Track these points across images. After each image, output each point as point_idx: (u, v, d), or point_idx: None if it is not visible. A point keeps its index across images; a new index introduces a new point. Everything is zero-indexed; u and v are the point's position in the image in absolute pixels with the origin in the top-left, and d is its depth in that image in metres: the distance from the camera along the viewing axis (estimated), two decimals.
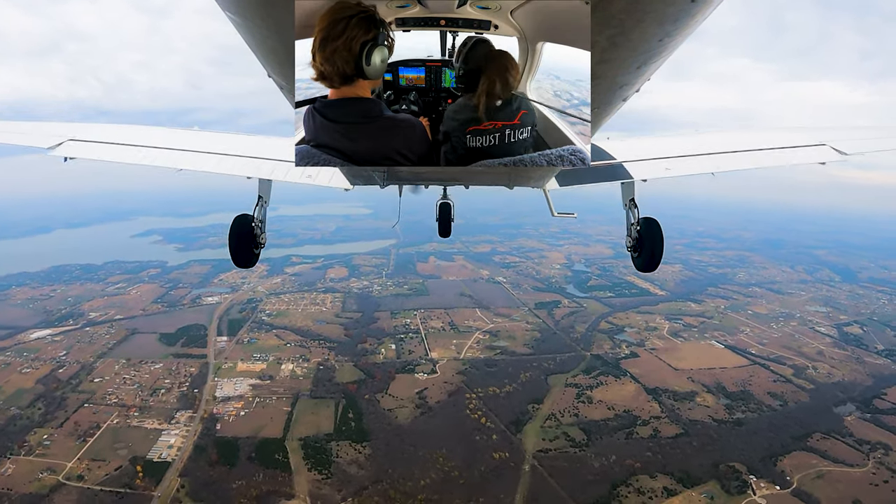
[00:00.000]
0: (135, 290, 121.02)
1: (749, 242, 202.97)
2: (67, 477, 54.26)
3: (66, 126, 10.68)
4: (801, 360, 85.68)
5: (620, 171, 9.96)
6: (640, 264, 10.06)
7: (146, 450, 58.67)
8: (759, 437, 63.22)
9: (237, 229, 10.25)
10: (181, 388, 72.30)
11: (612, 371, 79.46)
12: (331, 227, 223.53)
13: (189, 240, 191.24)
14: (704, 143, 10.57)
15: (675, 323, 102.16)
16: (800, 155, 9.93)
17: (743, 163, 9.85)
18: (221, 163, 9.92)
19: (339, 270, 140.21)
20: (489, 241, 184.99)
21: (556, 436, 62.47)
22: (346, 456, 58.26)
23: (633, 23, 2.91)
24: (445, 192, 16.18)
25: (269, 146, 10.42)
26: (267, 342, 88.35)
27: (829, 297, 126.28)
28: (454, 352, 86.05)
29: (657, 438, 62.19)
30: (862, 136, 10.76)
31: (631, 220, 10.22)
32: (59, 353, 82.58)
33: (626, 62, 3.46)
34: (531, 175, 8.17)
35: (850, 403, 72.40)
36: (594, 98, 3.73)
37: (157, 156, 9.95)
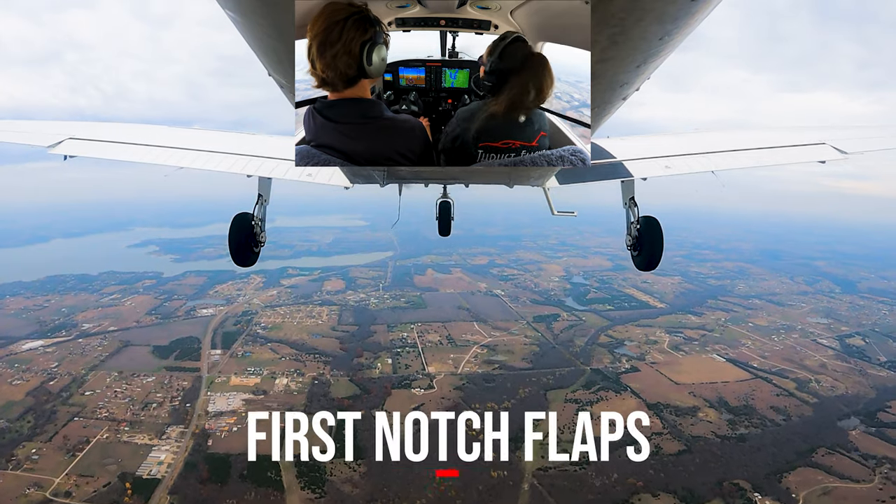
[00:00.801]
0: (129, 301, 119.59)
1: (748, 254, 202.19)
2: (55, 493, 52.98)
3: (66, 125, 10.67)
4: (804, 374, 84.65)
5: (620, 169, 9.93)
6: (640, 263, 10.16)
7: (136, 466, 57.29)
8: (763, 452, 62.03)
9: (237, 228, 10.34)
10: (173, 402, 70.91)
11: (613, 386, 78.22)
12: (327, 238, 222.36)
13: (186, 251, 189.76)
14: (704, 141, 10.54)
15: (675, 336, 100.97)
16: (800, 154, 9.89)
17: (743, 161, 9.83)
18: (222, 161, 9.82)
19: (335, 283, 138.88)
20: (487, 253, 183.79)
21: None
22: (341, 474, 56.73)
23: (633, 22, 2.85)
24: (445, 190, 16.23)
25: (269, 145, 10.36)
26: (261, 356, 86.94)
27: (829, 308, 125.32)
28: (451, 366, 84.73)
29: (659, 455, 60.71)
30: (862, 135, 10.70)
31: (631, 219, 10.29)
32: (51, 365, 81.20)
33: (626, 61, 3.41)
34: (531, 174, 8.16)
35: (855, 417, 71.50)
36: (594, 97, 3.70)
37: (158, 154, 9.90)
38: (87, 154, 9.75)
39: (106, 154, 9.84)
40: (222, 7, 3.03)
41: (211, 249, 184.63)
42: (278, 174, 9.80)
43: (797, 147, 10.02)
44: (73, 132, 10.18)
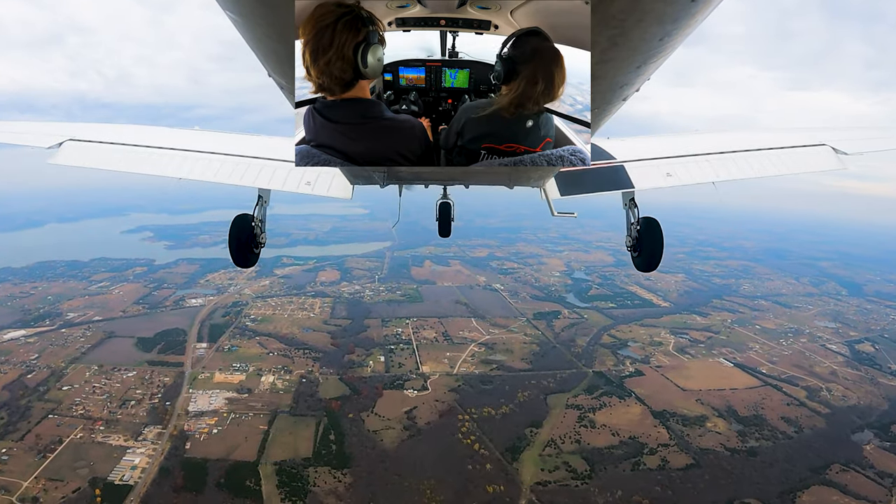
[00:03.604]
0: (118, 289, 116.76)
1: (752, 252, 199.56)
2: (22, 498, 50.34)
3: (65, 126, 10.94)
4: (814, 381, 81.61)
5: (621, 178, 9.97)
6: (640, 264, 10.11)
7: (108, 470, 54.21)
8: (775, 468, 58.82)
9: (237, 229, 10.37)
10: (152, 399, 67.58)
11: (616, 391, 74.75)
12: (326, 227, 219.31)
13: (180, 237, 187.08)
14: (704, 143, 10.56)
15: (680, 338, 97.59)
16: (802, 158, 9.94)
17: (746, 171, 9.83)
18: (222, 168, 9.97)
19: (330, 273, 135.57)
20: (487, 246, 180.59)
21: (557, 465, 57.60)
22: (325, 484, 53.38)
23: (634, 22, 2.81)
24: (445, 191, 15.97)
25: (269, 147, 10.49)
26: (248, 350, 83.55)
27: (837, 311, 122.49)
28: (447, 366, 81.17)
29: (666, 470, 57.47)
30: (861, 135, 10.84)
31: (631, 220, 10.30)
32: (31, 357, 78.23)
33: (626, 62, 3.34)
34: (531, 175, 7.98)
35: (868, 430, 68.59)
36: (594, 98, 3.61)
37: (157, 161, 10.05)
38: (86, 164, 9.97)
39: (104, 164, 10.00)
40: (222, 8, 2.91)
41: (206, 237, 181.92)
42: (276, 185, 9.86)
43: (797, 148, 10.11)
44: (73, 133, 10.48)
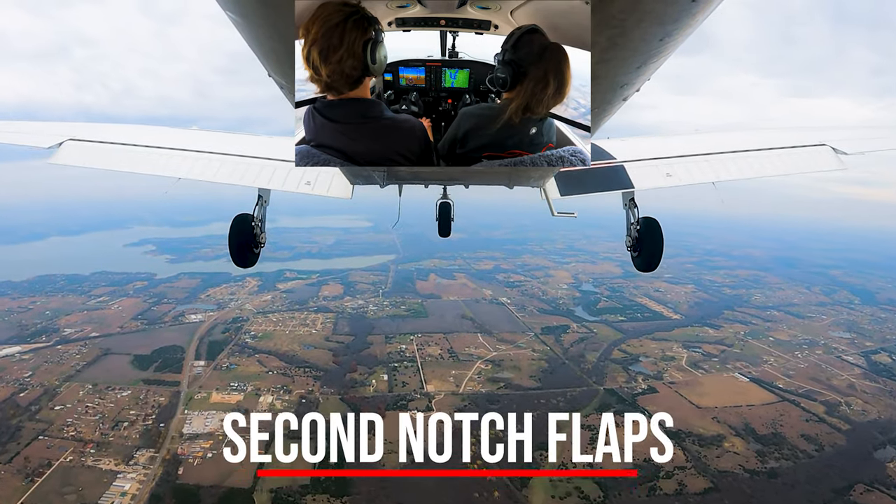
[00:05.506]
0: (117, 304, 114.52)
1: (761, 261, 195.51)
2: None
3: (65, 126, 10.96)
4: (833, 395, 78.43)
5: (622, 178, 9.98)
6: (640, 264, 10.19)
7: (97, 496, 51.84)
8: (797, 490, 55.78)
9: (237, 230, 10.53)
10: (146, 421, 65.17)
11: (629, 409, 71.54)
12: (329, 240, 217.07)
13: (182, 251, 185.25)
14: (704, 143, 10.61)
15: (693, 352, 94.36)
16: (802, 158, 9.95)
17: (745, 171, 9.89)
18: (221, 168, 10.01)
19: (334, 287, 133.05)
20: (492, 258, 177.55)
21: (568, 492, 54.81)
22: None
23: (634, 23, 2.87)
24: (445, 191, 16.00)
25: (269, 147, 10.49)
26: (247, 369, 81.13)
27: (851, 321, 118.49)
28: (452, 385, 78.46)
29: (683, 495, 54.55)
30: (862, 135, 10.79)
31: (631, 220, 10.36)
32: (25, 374, 76.21)
33: (626, 62, 3.37)
34: (531, 175, 7.93)
35: (891, 447, 65.20)
36: (594, 98, 3.63)
37: (157, 160, 10.13)
38: (86, 164, 10.10)
39: (104, 164, 10.04)
40: (223, 8, 2.98)
41: (208, 250, 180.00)
42: (276, 185, 9.95)
43: (798, 148, 10.13)
44: (73, 133, 10.46)
